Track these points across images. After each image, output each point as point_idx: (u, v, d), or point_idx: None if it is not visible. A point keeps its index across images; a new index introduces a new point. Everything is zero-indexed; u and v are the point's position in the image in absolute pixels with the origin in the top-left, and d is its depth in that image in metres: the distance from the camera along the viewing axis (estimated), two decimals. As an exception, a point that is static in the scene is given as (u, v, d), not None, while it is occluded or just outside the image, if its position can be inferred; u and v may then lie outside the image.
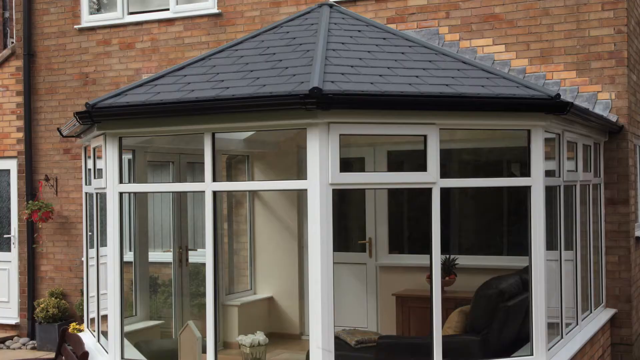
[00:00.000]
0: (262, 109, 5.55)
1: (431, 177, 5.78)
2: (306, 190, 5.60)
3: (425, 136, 5.77)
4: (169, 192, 8.97)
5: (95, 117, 6.04)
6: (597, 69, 8.41)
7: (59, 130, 7.72)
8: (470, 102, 5.74)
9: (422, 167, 5.80)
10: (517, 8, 8.72)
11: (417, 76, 6.02)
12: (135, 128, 6.21)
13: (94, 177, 7.03)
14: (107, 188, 6.33)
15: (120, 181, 6.31)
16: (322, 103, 5.33)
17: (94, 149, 6.98)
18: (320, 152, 5.52)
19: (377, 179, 6.30)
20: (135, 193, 7.85)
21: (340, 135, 5.56)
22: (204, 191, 5.94)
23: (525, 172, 6.13)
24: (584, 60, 8.46)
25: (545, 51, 8.62)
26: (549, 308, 6.35)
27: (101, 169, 6.60)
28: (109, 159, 6.27)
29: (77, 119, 6.19)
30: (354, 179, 5.82)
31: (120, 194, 6.33)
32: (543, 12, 8.61)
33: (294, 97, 5.37)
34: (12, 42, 16.63)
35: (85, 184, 7.65)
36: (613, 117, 8.26)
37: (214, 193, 5.94)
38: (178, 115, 5.86)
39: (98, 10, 11.02)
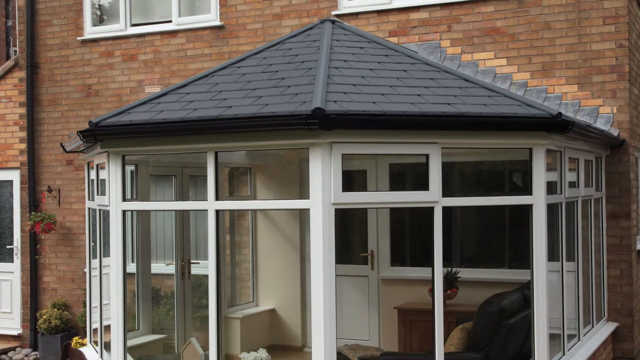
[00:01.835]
0: (265, 129, 5.58)
1: (433, 196, 5.80)
2: (309, 209, 5.61)
3: (427, 155, 5.79)
4: (172, 210, 8.99)
5: (99, 135, 6.07)
6: (599, 83, 8.44)
7: (62, 145, 7.74)
8: (472, 122, 5.75)
9: (424, 184, 5.83)
10: (518, 22, 8.75)
11: (419, 95, 6.04)
12: (138, 147, 6.23)
13: (97, 194, 7.05)
14: (110, 206, 6.35)
15: (124, 199, 6.33)
16: (324, 123, 5.36)
17: (97, 166, 7.00)
18: (323, 172, 5.55)
19: (379, 199, 6.32)
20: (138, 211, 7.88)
21: (342, 154, 5.59)
22: (206, 210, 5.97)
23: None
24: (586, 74, 8.48)
25: (546, 65, 8.64)
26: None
27: (104, 179, 6.61)
28: (112, 177, 6.30)
29: (80, 138, 6.20)
30: (356, 198, 5.83)
31: (124, 211, 6.35)
32: (544, 26, 8.63)
33: (296, 118, 5.38)
34: (15, 51, 16.69)
35: (88, 199, 7.68)
36: (614, 131, 8.28)
37: (217, 212, 5.96)
38: (181, 134, 5.89)
39: (101, 22, 11.06)
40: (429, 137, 5.76)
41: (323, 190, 5.54)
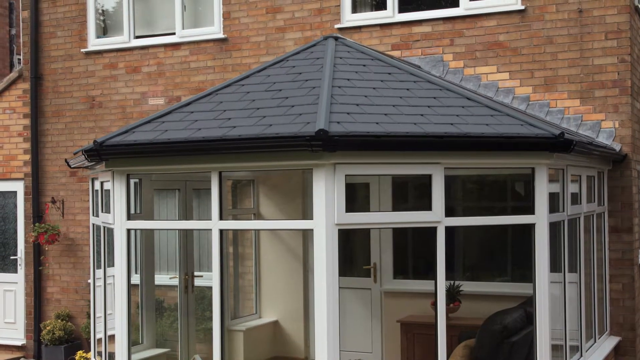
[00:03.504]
0: (268, 150, 5.61)
1: (436, 216, 5.83)
2: (312, 230, 5.65)
3: (430, 175, 5.82)
4: (176, 229, 9.03)
5: (103, 155, 6.11)
6: (601, 98, 8.46)
7: (66, 162, 7.78)
8: (474, 142, 5.78)
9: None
10: (521, 36, 8.78)
11: (422, 115, 6.07)
12: (143, 166, 6.27)
13: (102, 210, 7.09)
14: (114, 224, 6.39)
15: (128, 217, 6.37)
16: (328, 145, 5.39)
17: (102, 183, 7.04)
18: (327, 193, 5.58)
19: (382, 219, 6.34)
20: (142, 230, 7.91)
21: (346, 175, 5.63)
22: (210, 229, 6.02)
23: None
24: (588, 88, 8.51)
25: (549, 79, 8.67)
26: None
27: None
28: (117, 196, 6.33)
29: (85, 157, 6.24)
30: (359, 219, 5.86)
31: (128, 230, 6.39)
32: (547, 40, 8.66)
33: (300, 139, 5.42)
34: (19, 59, 16.74)
35: (93, 215, 7.71)
36: (617, 146, 8.30)
37: (221, 231, 6.00)
38: (185, 154, 5.93)
39: (104, 34, 11.11)
40: (432, 158, 5.79)
41: (326, 211, 5.57)
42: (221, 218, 6.00)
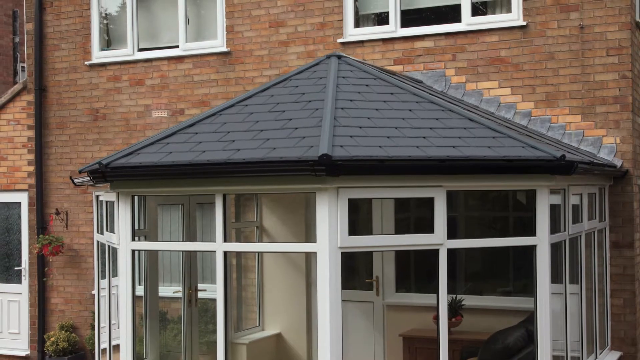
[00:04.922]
0: (272, 174, 5.67)
1: (438, 239, 5.88)
2: (315, 253, 5.71)
3: (432, 198, 5.87)
4: (181, 250, 9.08)
5: (108, 177, 6.17)
6: (602, 114, 8.51)
7: (71, 179, 7.84)
8: (476, 166, 5.83)
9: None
10: (522, 52, 8.82)
11: (424, 137, 6.11)
12: (148, 187, 6.34)
13: (106, 229, 7.15)
14: (119, 245, 6.44)
15: (133, 238, 6.43)
16: (331, 170, 5.45)
17: (107, 203, 7.09)
18: (330, 217, 5.64)
19: (385, 242, 6.40)
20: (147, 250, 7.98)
21: (349, 199, 5.68)
22: (214, 251, 6.07)
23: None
24: (589, 104, 8.55)
25: (550, 95, 8.72)
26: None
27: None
28: (122, 217, 6.39)
29: (90, 178, 6.30)
30: (362, 242, 5.92)
31: (133, 251, 6.45)
32: (548, 56, 8.71)
33: (303, 164, 5.47)
34: (23, 67, 16.80)
35: (97, 232, 7.77)
36: (618, 162, 8.35)
37: (225, 253, 6.06)
38: (189, 177, 5.98)
39: (108, 47, 11.16)
40: (434, 181, 5.85)
41: (330, 234, 5.63)
42: (225, 240, 6.06)
